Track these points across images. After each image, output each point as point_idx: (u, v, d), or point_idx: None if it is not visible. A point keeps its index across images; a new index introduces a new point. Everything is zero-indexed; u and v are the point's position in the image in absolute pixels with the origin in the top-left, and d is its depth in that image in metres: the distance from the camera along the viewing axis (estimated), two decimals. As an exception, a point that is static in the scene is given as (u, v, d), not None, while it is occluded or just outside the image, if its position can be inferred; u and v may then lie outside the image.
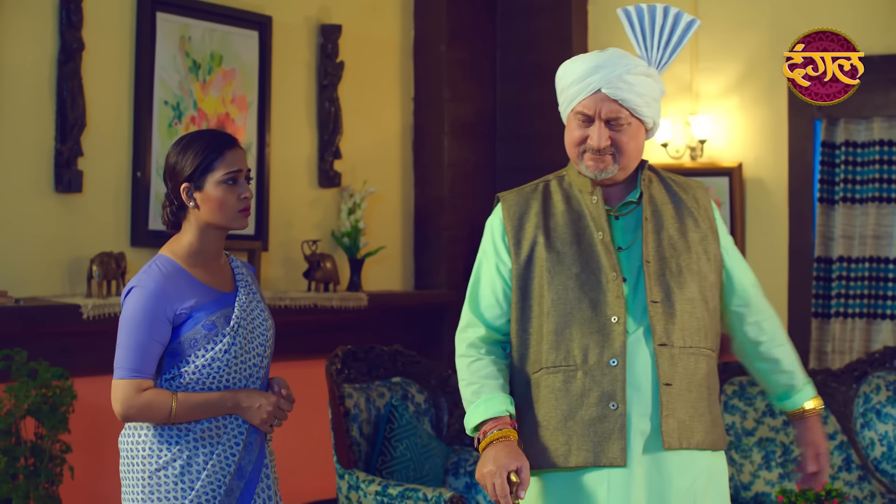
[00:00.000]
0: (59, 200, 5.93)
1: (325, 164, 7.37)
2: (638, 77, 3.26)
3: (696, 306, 3.28)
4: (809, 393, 3.49)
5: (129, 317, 3.40)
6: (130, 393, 3.38)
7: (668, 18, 3.36)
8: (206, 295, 3.46)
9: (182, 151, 3.47)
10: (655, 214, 3.35)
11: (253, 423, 3.48)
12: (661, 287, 3.26)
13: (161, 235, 6.24)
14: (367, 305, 7.22)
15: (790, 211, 7.68)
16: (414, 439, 5.39)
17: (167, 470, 3.42)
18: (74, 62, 5.90)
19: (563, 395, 3.25)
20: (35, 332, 5.62)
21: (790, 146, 7.68)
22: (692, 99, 7.97)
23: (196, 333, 3.42)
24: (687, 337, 3.26)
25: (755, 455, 5.87)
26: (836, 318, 7.41)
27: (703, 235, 3.37)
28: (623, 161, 3.28)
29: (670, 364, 3.23)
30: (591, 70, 3.25)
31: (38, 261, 5.85)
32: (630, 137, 3.28)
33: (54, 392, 5.25)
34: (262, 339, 3.56)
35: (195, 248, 3.50)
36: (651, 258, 3.29)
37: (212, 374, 3.44)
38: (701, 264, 3.32)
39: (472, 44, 8.19)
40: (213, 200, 3.45)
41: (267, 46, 6.97)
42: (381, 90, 7.90)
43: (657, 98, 3.32)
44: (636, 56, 3.36)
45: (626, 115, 3.26)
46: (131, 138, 6.26)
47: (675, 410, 3.21)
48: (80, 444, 5.66)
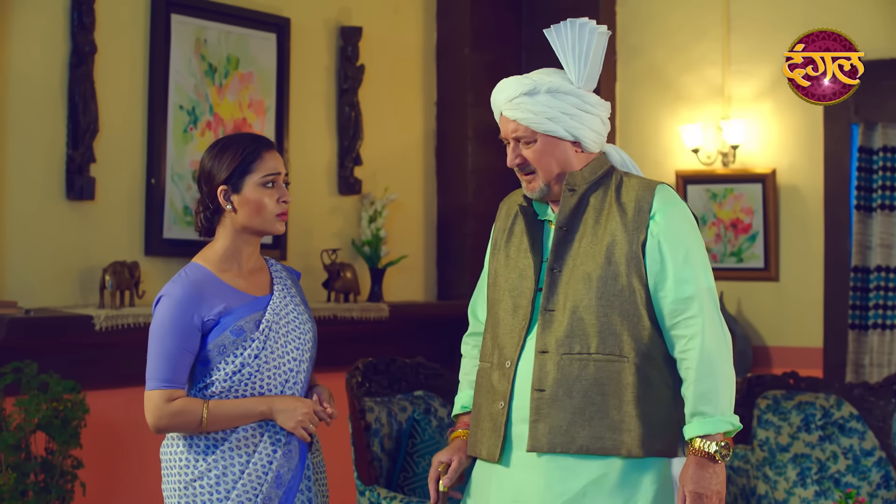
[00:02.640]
0: (70, 208, 5.92)
1: (345, 171, 7.36)
2: (534, 95, 3.50)
3: (588, 313, 3.43)
4: (693, 429, 3.40)
5: (157, 326, 3.47)
6: (161, 403, 3.44)
7: (576, 30, 3.55)
8: (236, 300, 3.50)
9: (219, 154, 3.52)
10: (574, 223, 3.53)
11: (287, 428, 3.50)
12: (557, 295, 3.48)
13: (176, 244, 6.25)
14: (388, 316, 7.21)
15: (826, 219, 7.65)
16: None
17: (203, 480, 3.46)
18: (86, 65, 5.89)
19: (479, 389, 3.63)
20: (46, 343, 5.61)
21: (826, 151, 7.65)
22: (724, 103, 7.94)
23: (224, 339, 3.47)
24: (574, 344, 3.43)
25: (790, 472, 5.83)
26: (874, 329, 7.37)
27: (618, 241, 3.47)
28: (543, 176, 3.54)
29: (545, 370, 3.44)
30: (495, 95, 3.59)
31: (48, 270, 5.84)
32: (539, 154, 3.53)
33: (65, 406, 5.26)
34: (298, 342, 3.58)
35: (229, 252, 3.55)
36: (556, 266, 3.50)
37: (243, 381, 3.48)
38: (606, 271, 3.45)
39: (496, 46, 8.18)
40: (250, 203, 3.51)
41: (285, 49, 6.96)
42: (403, 94, 7.89)
43: (570, 112, 3.51)
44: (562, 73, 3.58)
45: (527, 133, 3.52)
46: (145, 144, 6.25)
47: (548, 415, 3.42)
48: (92, 460, 5.65)
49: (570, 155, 3.54)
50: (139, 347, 5.88)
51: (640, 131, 8.35)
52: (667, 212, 3.48)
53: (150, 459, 6.02)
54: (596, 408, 3.40)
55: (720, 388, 3.39)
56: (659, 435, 3.43)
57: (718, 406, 3.38)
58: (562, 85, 3.52)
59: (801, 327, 7.78)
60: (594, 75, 3.56)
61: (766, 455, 5.86)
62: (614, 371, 3.41)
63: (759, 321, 7.94)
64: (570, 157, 3.54)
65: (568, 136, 3.52)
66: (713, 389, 3.38)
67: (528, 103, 3.50)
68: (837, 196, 7.61)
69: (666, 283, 3.44)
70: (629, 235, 3.46)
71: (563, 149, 3.54)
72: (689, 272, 3.43)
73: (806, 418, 5.84)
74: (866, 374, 7.37)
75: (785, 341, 7.82)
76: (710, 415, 3.38)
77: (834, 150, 7.61)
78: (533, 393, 3.43)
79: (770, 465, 5.86)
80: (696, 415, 3.39)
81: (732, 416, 3.41)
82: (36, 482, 5.20)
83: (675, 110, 8.17)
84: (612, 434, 3.39)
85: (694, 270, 3.44)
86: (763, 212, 7.79)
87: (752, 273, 7.87)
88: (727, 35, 7.97)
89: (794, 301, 7.83)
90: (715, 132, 7.92)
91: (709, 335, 3.40)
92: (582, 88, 3.54)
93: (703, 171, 7.97)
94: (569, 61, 3.54)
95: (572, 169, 3.54)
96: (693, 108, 8.09)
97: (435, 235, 8.07)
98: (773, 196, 7.77)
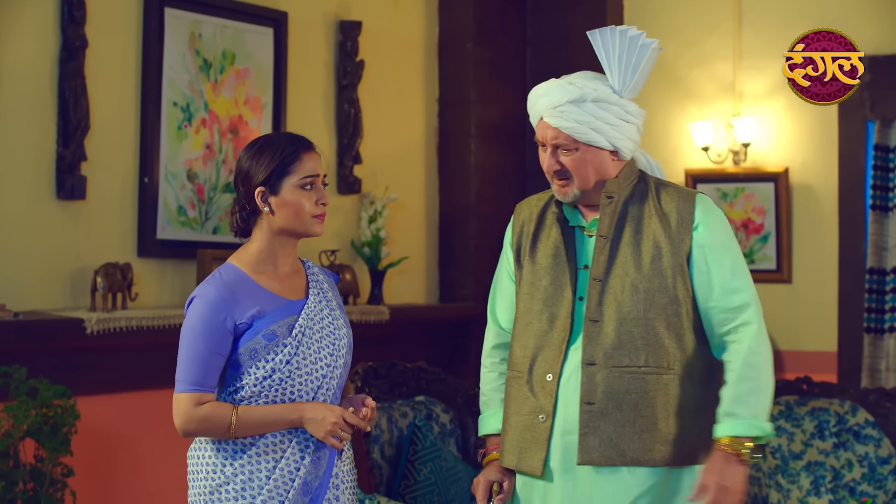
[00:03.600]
0: (60, 208, 5.90)
1: (344, 170, 7.35)
2: (580, 104, 3.54)
3: (637, 325, 3.51)
4: (724, 428, 3.49)
5: (189, 328, 3.49)
6: (189, 407, 3.45)
7: (626, 41, 3.60)
8: (269, 303, 3.52)
9: (257, 154, 3.55)
10: (616, 232, 3.59)
11: (317, 437, 3.51)
12: (603, 306, 3.54)
13: (170, 245, 6.24)
14: (388, 319, 7.21)
15: (841, 219, 7.65)
16: (439, 462, 5.39)
17: (229, 486, 3.48)
18: (77, 60, 5.87)
19: (510, 399, 3.67)
20: (35, 347, 5.60)
21: (840, 150, 7.65)
22: (735, 99, 7.92)
23: (256, 343, 3.48)
24: (622, 357, 3.50)
25: (803, 480, 5.82)
26: (890, 333, 7.39)
27: (664, 253, 3.55)
28: (578, 184, 3.59)
29: (593, 383, 3.50)
30: (535, 99, 3.62)
31: (38, 272, 5.82)
32: (578, 162, 3.57)
33: (55, 412, 5.25)
34: (331, 348, 3.60)
35: (265, 254, 3.58)
36: (600, 276, 3.56)
37: (273, 387, 3.49)
38: (653, 282, 3.53)
39: (500, 41, 8.18)
40: (289, 205, 3.54)
41: (282, 44, 6.95)
42: (404, 91, 7.88)
43: (613, 122, 3.57)
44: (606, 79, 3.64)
45: (568, 142, 3.56)
46: (138, 142, 6.24)
47: (598, 428, 3.49)
48: (82, 468, 5.64)
49: (607, 163, 3.61)
50: (132, 351, 5.92)
51: (649, 129, 8.26)
52: (709, 221, 3.59)
53: (142, 467, 6.01)
54: (646, 420, 3.50)
55: (759, 393, 3.50)
56: (702, 444, 3.53)
57: (753, 410, 3.48)
58: (607, 95, 3.58)
59: (814, 331, 7.77)
60: (639, 87, 3.63)
61: (778, 463, 5.86)
62: (662, 384, 3.52)
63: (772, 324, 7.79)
64: (608, 166, 3.61)
65: (608, 145, 3.58)
66: (751, 392, 3.49)
67: (573, 112, 3.55)
68: (852, 195, 7.61)
69: (713, 292, 3.56)
70: (673, 247, 3.56)
71: (602, 158, 3.60)
72: (738, 282, 3.57)
73: (820, 425, 5.84)
74: (882, 379, 7.39)
75: (798, 345, 7.81)
76: (743, 417, 3.48)
77: (849, 147, 7.61)
78: (582, 406, 3.50)
79: (783, 473, 5.86)
80: (730, 415, 3.49)
81: (766, 422, 3.49)
82: (24, 491, 5.18)
83: (684, 107, 8.15)
84: (661, 446, 3.50)
85: (742, 280, 3.58)
86: (775, 212, 7.79)
87: (764, 275, 7.84)
88: (738, 29, 7.95)
89: (807, 304, 7.81)
90: (726, 130, 7.91)
91: (757, 342, 3.53)
92: (627, 97, 3.62)
93: (714, 170, 7.95)
94: (613, 70, 3.60)
95: (609, 176, 3.62)
96: (703, 104, 8.07)
97: (437, 236, 8.07)
98: (785, 195, 7.76)
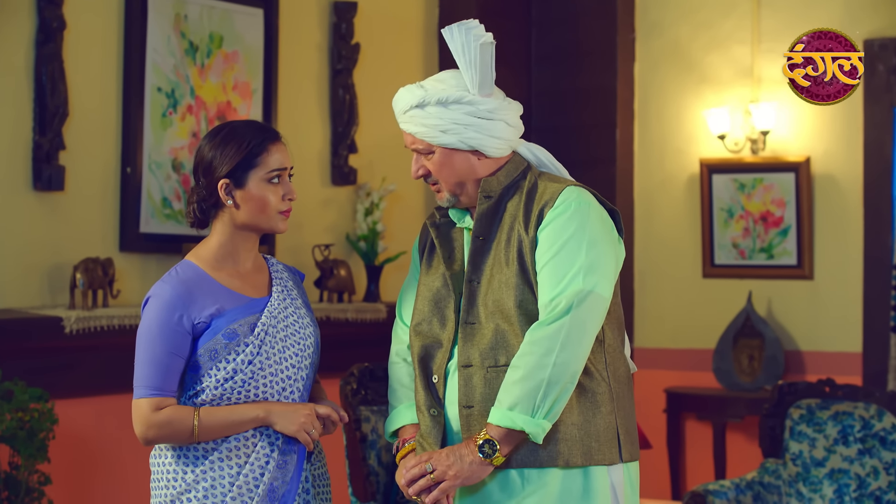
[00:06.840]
0: (37, 199, 5.91)
1: (338, 160, 7.36)
2: (424, 108, 3.58)
3: (509, 324, 3.51)
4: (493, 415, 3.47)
5: (144, 330, 3.48)
6: (149, 412, 3.44)
7: (470, 38, 3.60)
8: (229, 301, 3.52)
9: (222, 144, 3.53)
10: (493, 231, 3.61)
11: (288, 433, 3.50)
12: (478, 307, 3.56)
13: (153, 239, 6.24)
14: (385, 318, 7.21)
15: (865, 211, 7.66)
16: (438, 469, 5.36)
17: (191, 493, 3.47)
18: (55, 43, 5.86)
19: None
20: (10, 348, 5.60)
21: (865, 138, 7.66)
22: (753, 85, 7.93)
23: (215, 343, 3.47)
24: (499, 356, 3.51)
25: (826, 489, 5.83)
26: (918, 332, 7.39)
27: (525, 249, 3.53)
28: (445, 187, 3.64)
29: (470, 386, 3.53)
30: (393, 104, 3.67)
31: (14, 268, 5.83)
32: (438, 165, 3.61)
33: (32, 416, 5.25)
34: (297, 348, 3.59)
35: (225, 250, 3.58)
36: (472, 277, 3.59)
37: (236, 389, 3.48)
38: (520, 279, 3.52)
39: (503, 23, 8.18)
40: (254, 199, 3.54)
41: (273, 26, 6.96)
42: (402, 75, 7.86)
43: (466, 122, 3.56)
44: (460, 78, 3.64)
45: (423, 146, 3.62)
46: (120, 129, 6.24)
47: (478, 431, 3.48)
48: (60, 475, 5.65)
49: (472, 164, 3.62)
50: (113, 352, 5.91)
51: (661, 116, 8.33)
52: (557, 208, 3.53)
53: (124, 475, 6.02)
54: None
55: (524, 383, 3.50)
56: (595, 442, 3.51)
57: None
58: (452, 94, 3.58)
59: (837, 330, 7.78)
60: (487, 82, 3.60)
61: (799, 470, 5.87)
62: None
63: (792, 323, 7.93)
64: (474, 166, 3.62)
65: (464, 146, 3.59)
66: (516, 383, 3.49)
67: (419, 116, 3.59)
68: (878, 186, 7.62)
69: (539, 285, 3.51)
70: (532, 242, 3.54)
71: (463, 159, 3.62)
72: (552, 275, 3.48)
73: (843, 430, 5.84)
74: (909, 381, 7.40)
75: (820, 346, 7.82)
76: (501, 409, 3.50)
77: (874, 135, 7.62)
78: (461, 410, 3.53)
79: (804, 481, 5.86)
80: (497, 409, 3.50)
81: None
82: (-1, 500, 5.18)
83: (699, 93, 8.16)
84: (547, 445, 3.47)
85: (566, 268, 3.47)
86: (796, 204, 7.80)
87: (783, 271, 7.86)
88: (757, 10, 7.96)
89: (830, 302, 7.82)
90: (743, 117, 7.92)
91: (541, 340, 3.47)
92: (479, 94, 3.59)
93: (730, 160, 7.96)
94: (462, 68, 3.61)
95: (477, 177, 3.63)
96: (719, 90, 8.09)
97: (437, 230, 8.03)
98: (806, 186, 7.77)
